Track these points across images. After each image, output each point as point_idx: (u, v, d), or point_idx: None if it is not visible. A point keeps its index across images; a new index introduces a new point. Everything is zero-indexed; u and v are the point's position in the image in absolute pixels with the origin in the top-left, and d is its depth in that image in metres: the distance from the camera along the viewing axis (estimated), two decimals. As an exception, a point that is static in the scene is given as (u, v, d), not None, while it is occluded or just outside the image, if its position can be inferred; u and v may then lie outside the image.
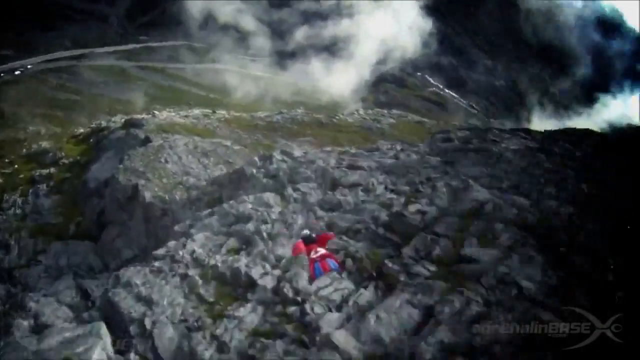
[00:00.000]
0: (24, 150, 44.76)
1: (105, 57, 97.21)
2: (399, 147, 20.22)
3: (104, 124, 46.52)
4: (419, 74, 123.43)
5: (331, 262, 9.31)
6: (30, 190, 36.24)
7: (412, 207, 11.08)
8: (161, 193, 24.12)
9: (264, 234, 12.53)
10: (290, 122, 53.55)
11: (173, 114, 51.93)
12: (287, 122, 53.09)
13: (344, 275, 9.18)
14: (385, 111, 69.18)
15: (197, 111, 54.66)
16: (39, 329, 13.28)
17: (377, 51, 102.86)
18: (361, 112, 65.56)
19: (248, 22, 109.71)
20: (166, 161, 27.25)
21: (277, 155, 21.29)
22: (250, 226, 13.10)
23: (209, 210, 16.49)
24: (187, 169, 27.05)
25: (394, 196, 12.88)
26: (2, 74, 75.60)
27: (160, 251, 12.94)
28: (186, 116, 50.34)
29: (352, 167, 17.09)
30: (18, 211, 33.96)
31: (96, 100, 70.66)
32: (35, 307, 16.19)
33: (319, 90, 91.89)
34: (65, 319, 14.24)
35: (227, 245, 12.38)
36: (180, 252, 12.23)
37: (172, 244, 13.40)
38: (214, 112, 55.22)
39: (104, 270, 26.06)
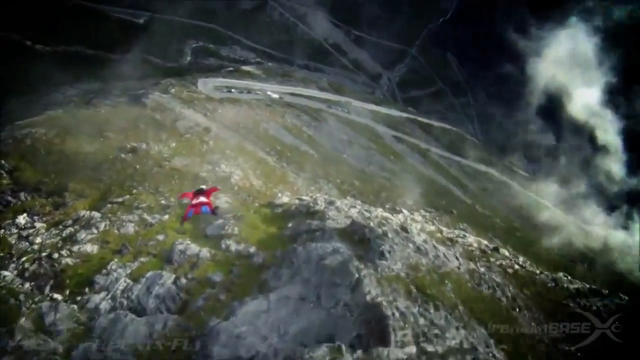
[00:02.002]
0: (195, 199, 34.63)
1: (361, 114, 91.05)
2: None
3: (320, 203, 32.80)
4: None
5: (204, 208, 16.66)
6: (147, 276, 23.82)
7: None
8: None
9: None
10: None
11: (431, 226, 36.72)
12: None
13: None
14: None
15: (471, 238, 37.71)
16: None
17: None
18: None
19: (608, 136, 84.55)
20: None
21: None
22: None
23: None
24: None
25: None
26: (233, 90, 74.86)
27: None
28: (452, 240, 34.00)
29: None
30: (104, 305, 21.45)
31: (330, 160, 60.44)
32: None
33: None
34: None
35: None
36: None
37: None
38: (495, 249, 37.17)
39: None
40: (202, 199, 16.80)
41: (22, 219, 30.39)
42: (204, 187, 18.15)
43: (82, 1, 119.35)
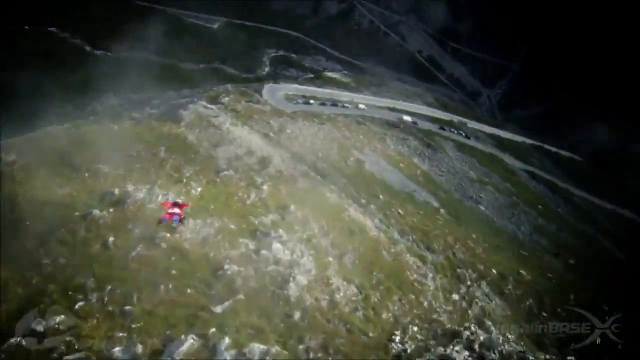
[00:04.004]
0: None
1: (481, 139, 72.50)
2: None
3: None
4: None
5: (175, 217, 19.85)
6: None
7: None
8: None
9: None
10: None
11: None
12: None
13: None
14: None
15: None
16: None
17: None
18: None
19: None
20: None
21: None
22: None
23: None
24: None
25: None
26: (312, 101, 59.59)
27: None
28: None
29: None
30: None
31: (464, 218, 41.87)
32: None
33: None
34: None
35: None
36: None
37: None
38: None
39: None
40: (176, 209, 19.73)
41: None
42: (179, 200, 21.12)
43: (151, 4, 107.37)
